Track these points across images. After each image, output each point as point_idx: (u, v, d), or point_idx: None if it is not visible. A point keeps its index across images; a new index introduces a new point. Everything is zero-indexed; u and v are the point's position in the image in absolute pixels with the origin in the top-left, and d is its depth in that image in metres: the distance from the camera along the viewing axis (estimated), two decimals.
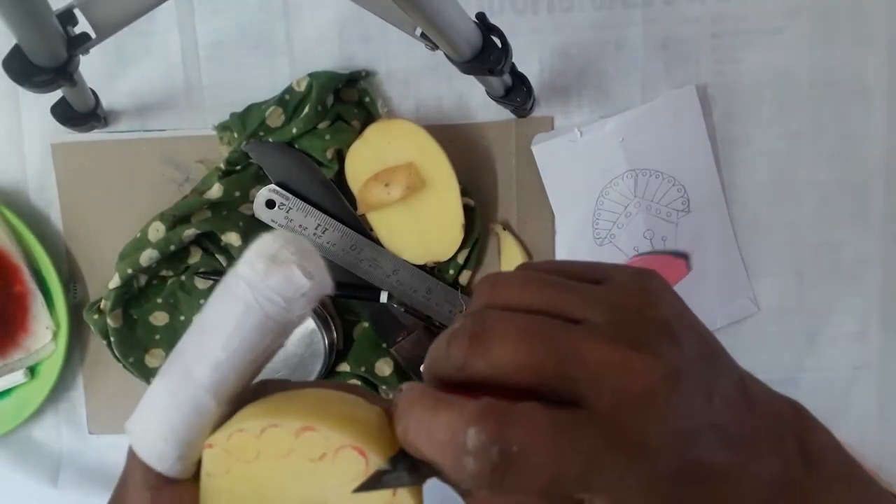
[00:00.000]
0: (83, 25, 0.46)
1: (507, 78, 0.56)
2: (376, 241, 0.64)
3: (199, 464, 0.29)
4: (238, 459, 0.28)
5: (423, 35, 0.48)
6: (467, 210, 0.62)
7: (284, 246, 0.28)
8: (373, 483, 0.26)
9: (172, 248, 0.61)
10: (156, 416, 0.28)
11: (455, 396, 0.25)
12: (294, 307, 0.28)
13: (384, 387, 0.64)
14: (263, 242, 0.29)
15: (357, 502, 0.27)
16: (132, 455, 0.29)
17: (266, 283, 0.28)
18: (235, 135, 0.63)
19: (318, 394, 0.30)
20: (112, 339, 0.63)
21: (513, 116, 0.63)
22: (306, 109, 0.61)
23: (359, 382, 0.64)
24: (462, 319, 0.26)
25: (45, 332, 0.64)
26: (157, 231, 0.62)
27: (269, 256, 0.28)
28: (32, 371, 0.65)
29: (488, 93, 0.59)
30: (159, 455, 0.28)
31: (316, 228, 0.62)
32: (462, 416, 0.24)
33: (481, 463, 0.24)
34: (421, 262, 0.63)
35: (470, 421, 0.24)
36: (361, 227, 0.64)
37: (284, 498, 0.28)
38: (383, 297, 0.63)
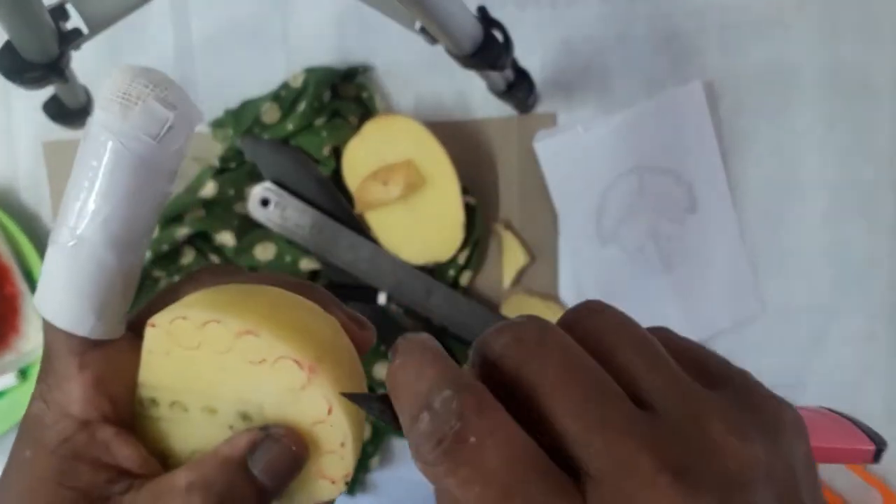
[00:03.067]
0: (75, 21, 0.45)
1: (508, 73, 0.56)
2: (374, 241, 0.63)
3: (125, 325, 0.30)
4: (179, 345, 0.28)
5: (422, 29, 0.48)
6: (468, 209, 0.61)
7: (135, 79, 0.27)
8: (359, 399, 0.26)
9: (165, 248, 0.61)
10: (62, 283, 0.28)
11: (458, 368, 0.23)
12: (167, 141, 0.27)
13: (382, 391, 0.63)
14: (113, 81, 0.27)
15: (287, 412, 0.27)
16: (49, 328, 0.29)
17: (128, 125, 0.27)
18: (230, 131, 0.62)
19: (275, 296, 0.29)
20: None
21: (514, 112, 0.63)
22: (302, 105, 0.61)
23: None
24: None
25: (36, 334, 0.64)
26: None
27: (122, 95, 0.27)
28: (24, 373, 0.65)
29: (489, 88, 0.59)
30: (76, 319, 0.28)
31: (312, 228, 0.62)
32: (446, 378, 0.22)
33: (435, 427, 0.21)
34: (420, 262, 0.63)
35: (452, 386, 0.22)
36: (359, 227, 0.63)
37: (221, 391, 0.28)
38: (381, 299, 0.63)
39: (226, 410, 0.28)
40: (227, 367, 0.27)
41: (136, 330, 0.30)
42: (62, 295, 0.28)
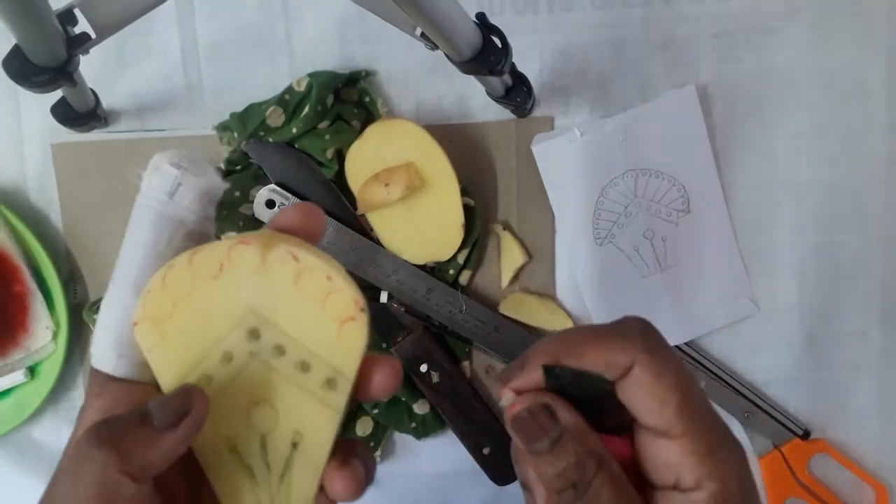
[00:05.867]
0: (83, 25, 0.46)
1: (507, 78, 0.56)
2: (376, 241, 0.64)
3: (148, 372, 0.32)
4: (175, 296, 0.29)
5: (423, 35, 0.48)
6: (467, 210, 0.62)
7: (165, 157, 0.33)
8: None
9: None
10: (98, 329, 0.34)
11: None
12: (180, 199, 0.33)
13: None
14: (152, 161, 0.33)
15: (298, 307, 0.29)
16: (91, 368, 0.34)
17: (150, 187, 0.33)
18: (235, 135, 0.63)
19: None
20: None
21: (513, 116, 0.63)
22: (306, 109, 0.61)
23: None
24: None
25: (45, 332, 0.64)
26: None
27: (152, 168, 0.33)
28: (32, 371, 0.65)
29: (488, 93, 0.59)
30: (102, 356, 0.33)
31: None
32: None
33: (648, 324, 0.31)
34: (421, 262, 0.63)
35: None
36: (361, 227, 0.64)
37: (230, 314, 0.29)
38: (383, 297, 0.63)
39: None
40: (228, 284, 0.29)
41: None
42: (98, 337, 0.33)
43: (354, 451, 0.31)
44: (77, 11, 0.45)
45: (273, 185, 0.62)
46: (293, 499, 0.30)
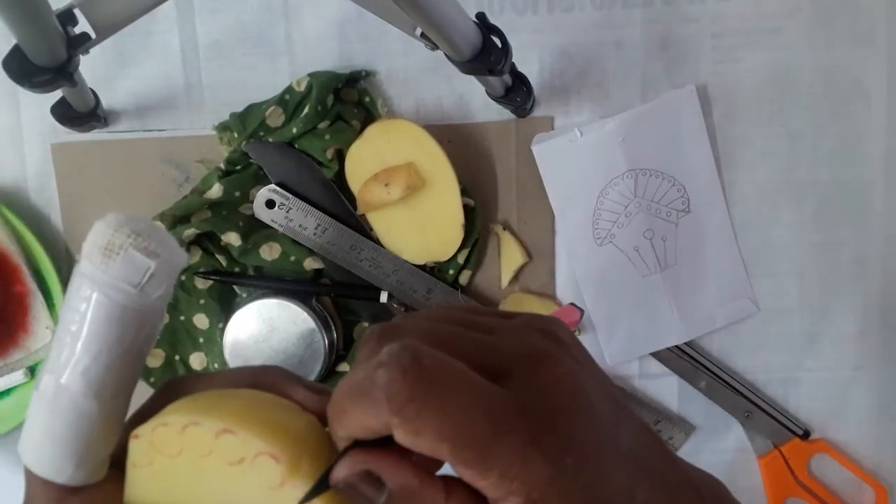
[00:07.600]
0: (83, 25, 0.46)
1: (507, 78, 0.56)
2: (376, 241, 0.64)
3: (108, 465, 0.29)
4: (161, 453, 0.28)
5: (423, 35, 0.48)
6: (467, 210, 0.62)
7: (118, 230, 0.27)
8: (317, 489, 0.26)
9: None
10: (41, 432, 0.28)
11: None
12: (149, 289, 0.28)
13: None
14: (96, 231, 0.28)
15: None
16: (29, 474, 0.29)
17: (108, 275, 0.27)
18: (235, 135, 0.63)
19: (251, 397, 0.30)
20: None
21: (513, 116, 0.63)
22: (306, 109, 0.61)
23: None
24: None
25: (45, 332, 0.64)
26: None
27: (104, 246, 0.27)
28: (32, 371, 0.65)
29: (488, 93, 0.59)
30: (56, 468, 0.28)
31: (316, 228, 0.62)
32: (376, 358, 0.25)
33: (392, 368, 0.24)
34: (421, 262, 0.63)
35: (388, 348, 0.25)
36: (361, 227, 0.64)
37: (203, 497, 0.28)
38: (383, 297, 0.63)
39: None
40: (209, 470, 0.27)
41: (119, 466, 0.29)
42: (41, 442, 0.28)
43: None
44: (77, 11, 0.45)
45: (273, 185, 0.62)
46: None
